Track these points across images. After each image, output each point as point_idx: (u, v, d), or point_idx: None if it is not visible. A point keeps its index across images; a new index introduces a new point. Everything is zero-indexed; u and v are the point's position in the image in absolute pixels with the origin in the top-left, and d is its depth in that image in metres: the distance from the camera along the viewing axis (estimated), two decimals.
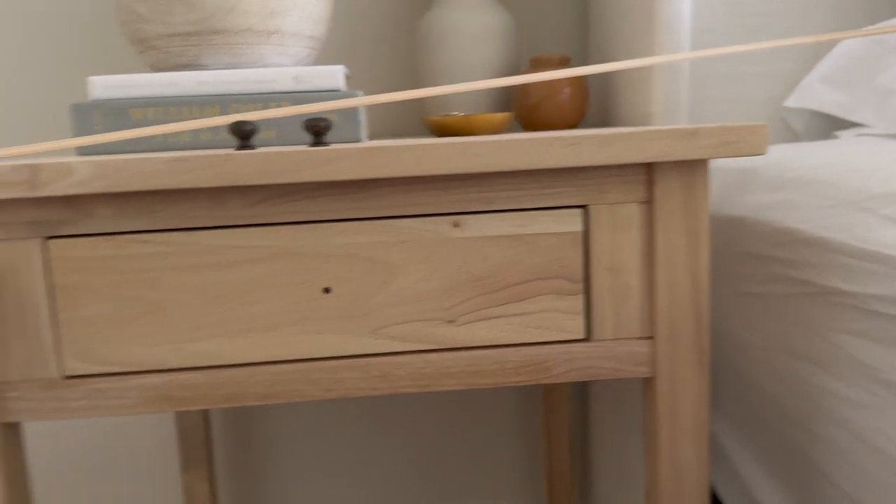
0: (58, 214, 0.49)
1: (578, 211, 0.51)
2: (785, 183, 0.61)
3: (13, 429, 0.53)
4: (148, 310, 0.51)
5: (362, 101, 0.53)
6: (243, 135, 0.50)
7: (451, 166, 0.48)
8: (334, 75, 0.64)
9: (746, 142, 0.48)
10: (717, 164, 0.72)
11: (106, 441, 1.09)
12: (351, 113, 0.62)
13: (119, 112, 0.62)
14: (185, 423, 1.05)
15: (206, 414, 1.07)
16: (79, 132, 0.62)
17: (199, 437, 1.05)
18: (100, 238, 0.50)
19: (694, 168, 0.50)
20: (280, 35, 0.70)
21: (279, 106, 0.64)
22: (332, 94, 0.64)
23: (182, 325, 0.51)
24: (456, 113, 0.80)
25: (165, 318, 0.51)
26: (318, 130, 0.50)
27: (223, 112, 0.65)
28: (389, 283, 0.52)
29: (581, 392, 1.10)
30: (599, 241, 0.51)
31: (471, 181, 0.51)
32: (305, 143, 0.61)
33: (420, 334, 0.53)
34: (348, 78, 0.70)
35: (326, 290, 0.52)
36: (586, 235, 0.52)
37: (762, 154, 0.49)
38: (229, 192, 0.50)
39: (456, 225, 0.52)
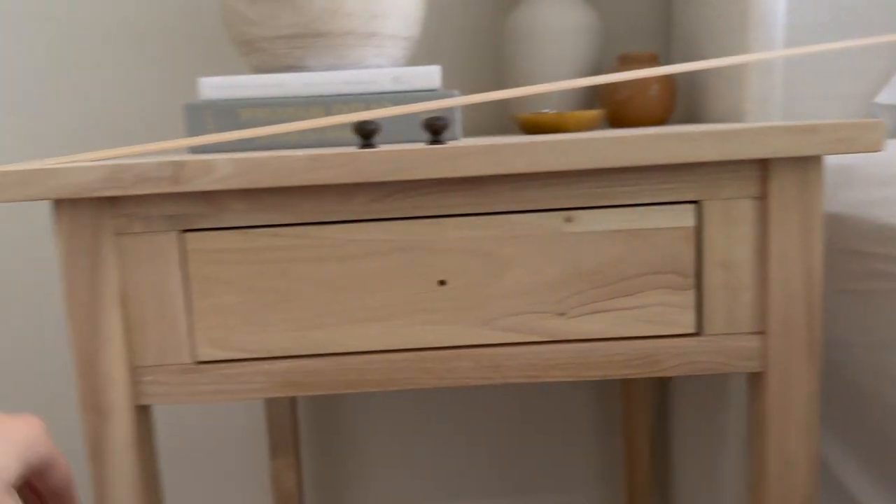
0: (195, 209, 0.52)
1: (691, 206, 0.52)
2: (891, 179, 0.61)
3: (145, 412, 0.57)
4: (276, 299, 0.54)
5: (463, 100, 0.55)
6: (366, 134, 0.53)
7: (570, 162, 0.49)
8: (432, 75, 0.66)
9: (864, 138, 0.48)
10: None
11: (196, 429, 1.13)
12: (448, 112, 0.64)
13: (229, 112, 0.65)
14: (274, 410, 1.08)
15: (293, 402, 1.11)
16: (192, 132, 0.65)
17: (286, 424, 1.09)
18: (233, 231, 0.53)
19: (809, 164, 0.51)
20: (379, 37, 0.72)
21: (380, 106, 0.66)
22: (429, 93, 0.66)
23: (307, 315, 0.54)
24: (546, 110, 0.82)
25: (292, 307, 0.54)
26: (436, 129, 0.52)
27: (327, 113, 0.67)
28: (502, 276, 0.54)
29: (662, 382, 1.10)
30: (712, 237, 0.52)
31: (585, 177, 0.52)
32: (411, 142, 0.63)
33: (531, 326, 0.54)
34: None
35: (442, 283, 0.54)
36: (699, 231, 0.53)
37: (879, 151, 0.49)
38: (356, 188, 0.52)
39: (568, 220, 0.53)
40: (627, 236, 0.53)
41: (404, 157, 0.49)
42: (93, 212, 0.51)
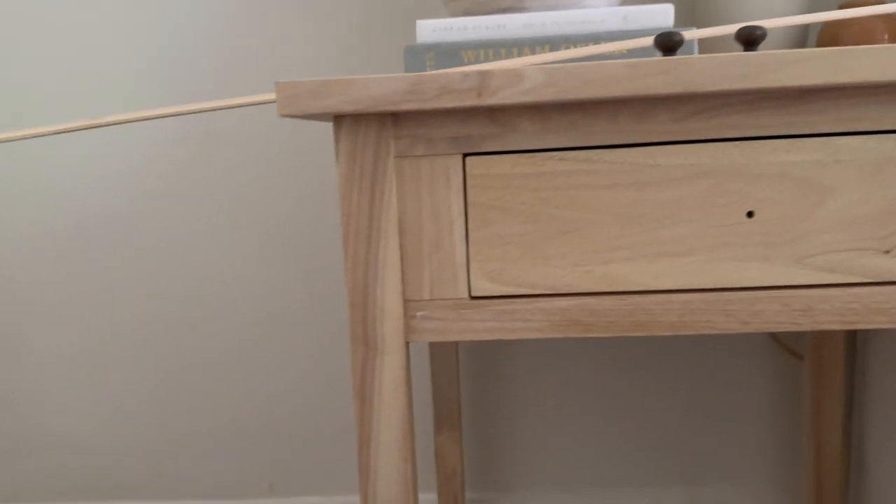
0: (481, 129, 0.49)
1: None
2: None
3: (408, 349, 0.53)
4: (562, 230, 0.49)
5: (702, 33, 0.49)
6: (670, 46, 0.48)
7: None
8: (665, 14, 0.61)
9: None
10: None
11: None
12: (687, 50, 0.58)
13: (451, 54, 0.62)
14: (440, 385, 1.05)
15: (457, 377, 1.07)
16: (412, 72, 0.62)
17: (452, 399, 1.05)
18: (519, 155, 0.49)
19: None
20: None
21: None
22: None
23: (595, 247, 0.49)
24: None
25: (579, 239, 0.49)
26: (752, 40, 0.47)
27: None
28: (820, 206, 0.48)
29: (859, 363, 1.01)
30: None
31: None
32: None
33: (850, 265, 0.48)
34: None
35: (749, 214, 0.48)
36: None
37: None
38: (656, 105, 0.47)
39: None
40: None
41: (737, 62, 0.43)
42: (376, 131, 0.48)
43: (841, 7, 0.77)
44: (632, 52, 0.62)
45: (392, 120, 0.48)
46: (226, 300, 1.10)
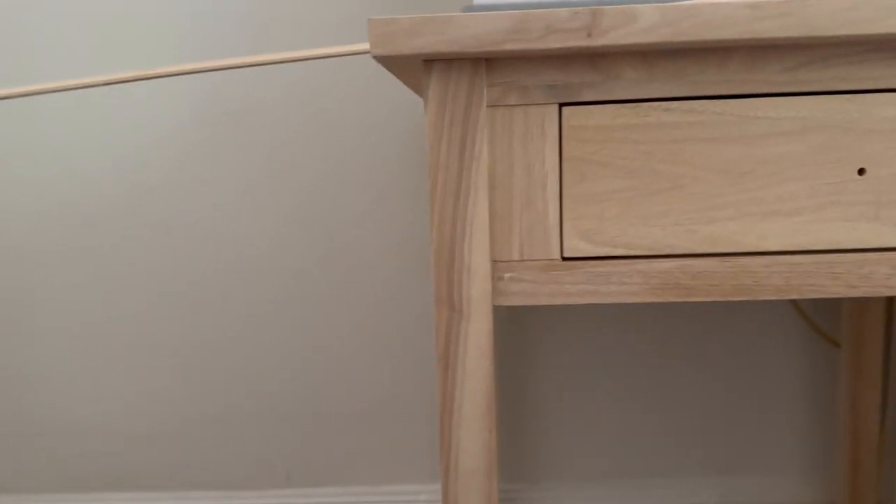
0: (580, 77, 0.46)
1: None
2: None
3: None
4: (664, 187, 0.46)
5: None
6: None
7: None
8: None
9: None
10: None
11: (411, 384, 1.08)
12: None
13: None
14: None
15: (496, 368, 1.04)
16: None
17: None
18: (620, 105, 0.46)
19: None
20: None
21: None
22: None
23: (699, 206, 0.46)
24: None
25: (682, 196, 0.46)
26: None
27: None
28: None
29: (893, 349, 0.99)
30: None
31: None
32: None
33: None
34: None
35: (861, 172, 0.46)
36: None
37: None
38: (768, 53, 0.45)
39: None
40: None
41: (862, 7, 0.41)
42: (469, 77, 0.45)
43: None
44: None
45: (487, 65, 0.45)
46: (243, 280, 1.06)
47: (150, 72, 0.58)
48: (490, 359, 0.48)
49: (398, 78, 0.58)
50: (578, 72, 0.45)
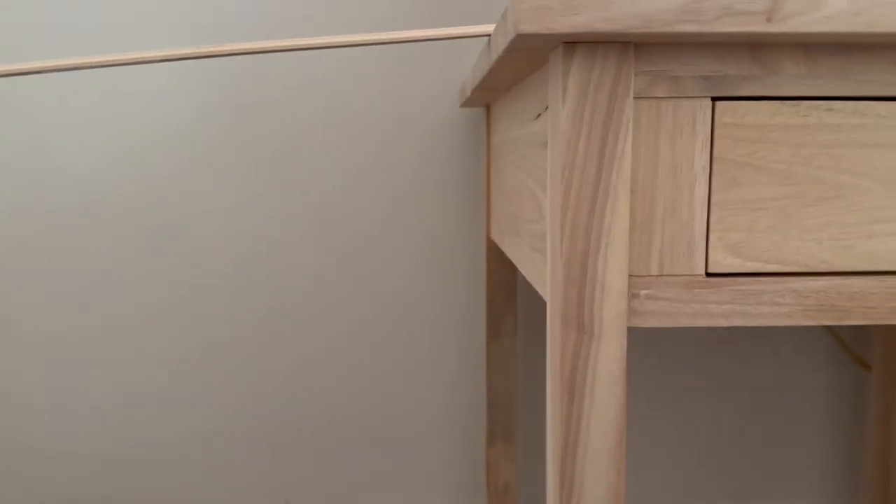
0: (738, 68, 0.40)
1: None
2: None
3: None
4: (823, 196, 0.41)
5: None
6: None
7: None
8: None
9: None
10: None
11: (411, 406, 1.00)
12: None
13: None
14: (495, 390, 0.96)
15: (514, 383, 0.98)
16: None
17: (507, 410, 0.96)
18: (781, 103, 0.41)
19: None
20: None
21: None
22: None
23: (861, 218, 0.41)
24: None
25: (842, 207, 0.41)
26: None
27: None
28: None
29: None
30: None
31: None
32: None
33: None
34: None
35: None
36: None
37: None
38: None
39: None
40: None
41: None
42: (616, 63, 0.39)
43: None
44: None
45: (635, 50, 0.40)
46: (248, 288, 0.98)
47: (174, 52, 0.51)
48: (623, 387, 0.42)
49: (493, 73, 0.52)
50: (736, 63, 0.40)
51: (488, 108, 0.91)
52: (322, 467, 1.01)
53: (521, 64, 0.49)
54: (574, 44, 0.39)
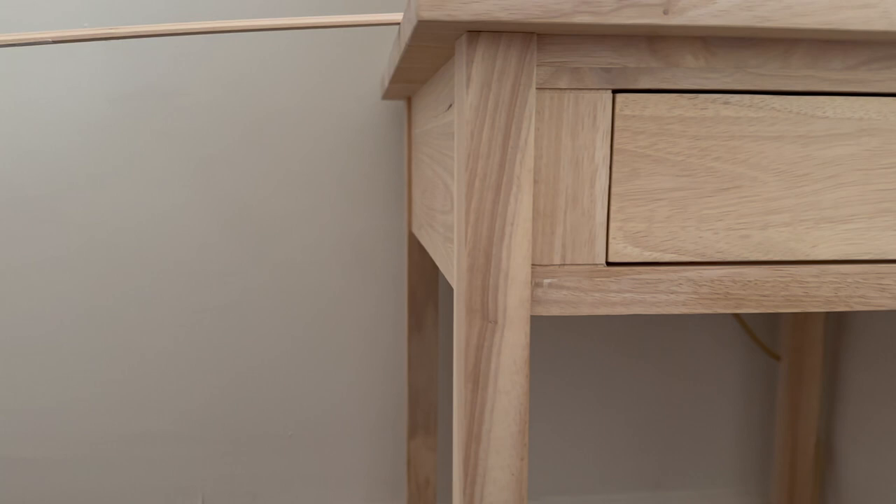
0: (637, 61, 0.41)
1: None
2: None
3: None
4: (719, 187, 0.42)
5: None
6: None
7: None
8: None
9: None
10: None
11: (332, 402, 0.99)
12: None
13: None
14: (417, 384, 0.95)
15: (436, 376, 0.98)
16: None
17: (428, 403, 0.96)
18: (679, 96, 0.42)
19: None
20: None
21: None
22: None
23: (755, 209, 0.43)
24: None
25: (738, 197, 0.43)
26: None
27: None
28: None
29: (834, 364, 1.01)
30: None
31: None
32: None
33: None
34: None
35: None
36: None
37: None
38: (831, 49, 0.42)
39: None
40: None
41: None
42: (518, 53, 0.39)
43: None
44: None
45: (538, 41, 0.40)
46: (161, 285, 0.95)
47: (68, 33, 0.48)
48: (525, 376, 0.42)
49: (405, 64, 0.51)
50: (636, 56, 0.41)
51: (409, 100, 0.91)
52: (241, 464, 0.99)
53: (431, 54, 0.49)
54: (478, 33, 0.39)
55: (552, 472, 1.04)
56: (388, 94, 0.85)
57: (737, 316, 1.04)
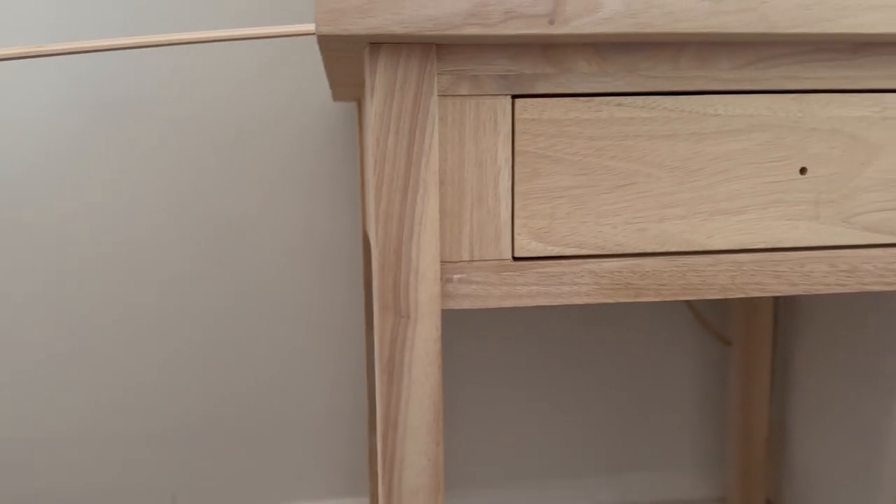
0: (533, 67, 0.43)
1: None
2: None
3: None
4: (616, 184, 0.45)
5: None
6: None
7: None
8: None
9: None
10: None
11: (294, 399, 1.02)
12: None
13: None
14: (375, 380, 0.98)
15: None
16: None
17: None
18: (574, 99, 0.44)
19: None
20: None
21: None
22: None
23: (650, 203, 0.45)
24: None
25: (634, 193, 0.45)
26: None
27: None
28: (868, 164, 0.47)
29: (783, 348, 1.04)
30: None
31: None
32: None
33: (893, 225, 0.48)
34: None
35: (802, 171, 0.47)
36: None
37: None
38: (718, 50, 0.44)
39: None
40: None
41: (822, 4, 0.41)
42: (419, 63, 0.42)
43: None
44: None
45: (438, 51, 0.42)
46: (119, 287, 0.97)
47: (36, 49, 0.51)
48: (438, 367, 0.44)
49: (330, 69, 0.54)
50: (531, 62, 0.43)
51: (360, 101, 0.93)
52: (209, 461, 1.01)
53: (349, 62, 0.51)
54: (379, 45, 0.41)
55: (509, 458, 1.07)
56: (337, 97, 0.87)
57: (687, 302, 1.07)
